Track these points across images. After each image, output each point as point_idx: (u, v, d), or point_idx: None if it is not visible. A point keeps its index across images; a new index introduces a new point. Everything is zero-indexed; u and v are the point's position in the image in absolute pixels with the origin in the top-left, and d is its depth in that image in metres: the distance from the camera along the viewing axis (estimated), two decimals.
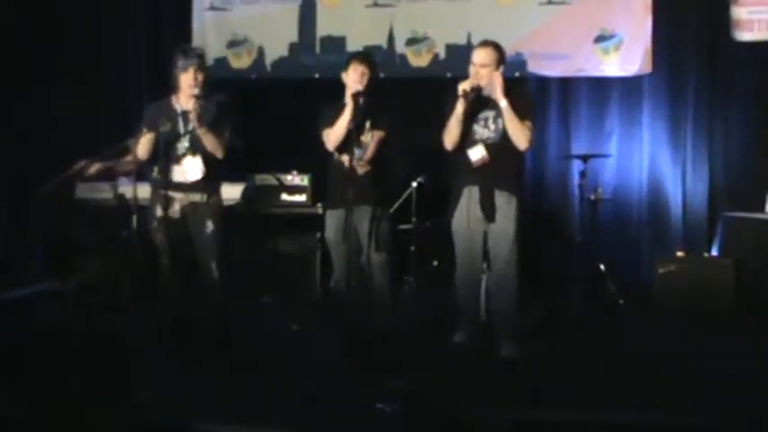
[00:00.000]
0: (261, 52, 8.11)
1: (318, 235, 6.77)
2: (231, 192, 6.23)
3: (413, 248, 7.07)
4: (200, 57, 5.02)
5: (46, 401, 1.75)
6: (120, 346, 1.85)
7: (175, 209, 4.95)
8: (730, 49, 7.34)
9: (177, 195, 4.94)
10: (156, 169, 5.03)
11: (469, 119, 5.07)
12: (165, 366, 4.56)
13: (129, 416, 1.79)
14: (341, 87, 5.33)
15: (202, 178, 4.94)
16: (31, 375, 1.76)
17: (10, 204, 7.66)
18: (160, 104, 5.11)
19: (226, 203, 5.30)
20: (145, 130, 5.03)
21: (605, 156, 7.31)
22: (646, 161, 7.62)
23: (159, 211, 4.97)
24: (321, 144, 5.45)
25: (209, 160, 4.93)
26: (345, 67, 5.31)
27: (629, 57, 7.51)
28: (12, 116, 7.58)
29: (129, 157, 5.09)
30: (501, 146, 5.02)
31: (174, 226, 4.95)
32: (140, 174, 5.06)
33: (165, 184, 4.98)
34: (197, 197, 4.92)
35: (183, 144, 4.95)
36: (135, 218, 4.91)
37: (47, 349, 1.77)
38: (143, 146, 5.01)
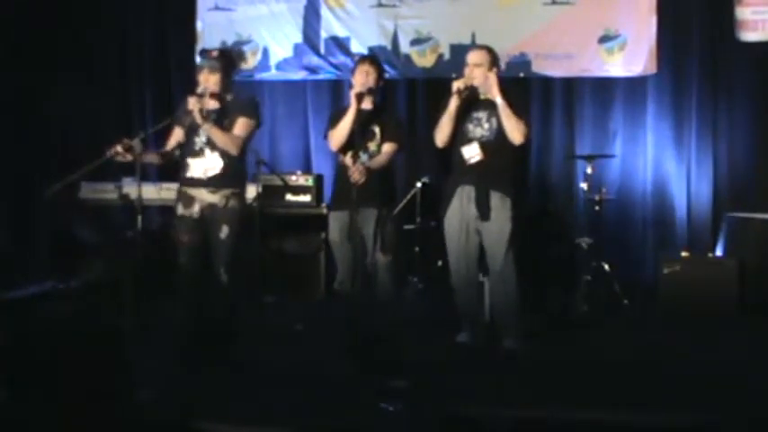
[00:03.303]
0: (265, 52, 8.12)
1: (323, 235, 6.79)
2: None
3: (417, 249, 7.09)
4: (215, 59, 5.00)
5: (47, 401, 1.76)
6: (121, 346, 1.86)
7: (195, 209, 4.94)
8: (734, 50, 7.34)
9: (197, 194, 4.93)
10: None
11: (461, 118, 5.16)
12: (166, 366, 4.57)
13: (130, 415, 1.80)
14: (345, 88, 5.35)
15: (221, 175, 4.91)
16: (32, 374, 1.77)
17: (13, 204, 7.68)
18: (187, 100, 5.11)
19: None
20: (175, 124, 5.09)
21: (609, 156, 7.32)
22: (650, 161, 7.62)
23: (180, 210, 4.98)
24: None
25: (225, 157, 4.91)
26: (353, 70, 5.33)
27: (633, 57, 7.52)
28: (14, 116, 7.60)
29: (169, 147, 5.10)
30: (495, 144, 5.09)
31: (192, 225, 4.94)
32: (144, 173, 5.06)
33: (185, 180, 4.99)
34: (215, 198, 4.90)
35: (201, 139, 4.95)
36: (140, 218, 4.91)
37: (48, 349, 1.78)
38: (173, 137, 5.08)
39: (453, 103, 5.09)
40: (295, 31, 8.08)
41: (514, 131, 5.02)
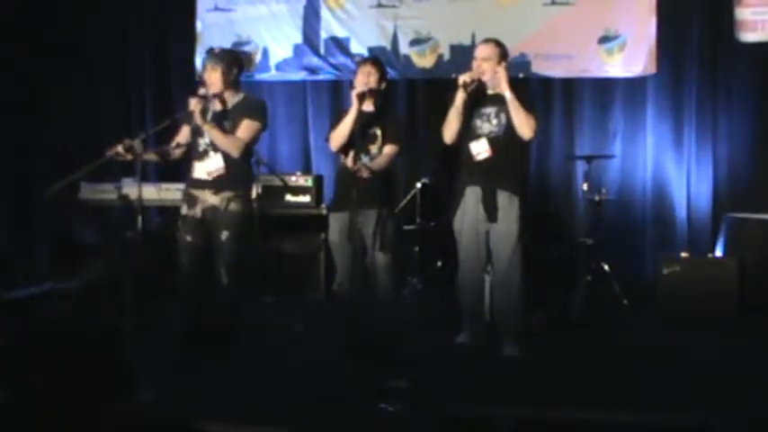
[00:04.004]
0: (265, 53, 8.12)
1: (323, 236, 6.79)
2: None
3: (417, 249, 7.09)
4: (217, 55, 5.01)
5: (46, 401, 1.76)
6: (121, 346, 1.86)
7: (197, 209, 4.95)
8: (734, 50, 7.34)
9: (200, 195, 4.95)
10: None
11: (469, 113, 5.13)
12: (166, 366, 4.57)
13: (130, 415, 1.80)
14: (345, 89, 5.33)
15: (223, 177, 4.91)
16: (31, 375, 1.77)
17: (13, 204, 7.68)
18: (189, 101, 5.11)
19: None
20: (181, 123, 5.10)
21: (609, 156, 7.32)
22: (650, 162, 7.62)
23: (184, 210, 4.99)
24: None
25: (228, 158, 4.91)
26: (355, 71, 5.32)
27: (632, 57, 7.52)
28: (14, 116, 7.60)
29: (174, 145, 5.11)
30: (504, 140, 5.06)
31: (195, 225, 4.95)
32: (144, 174, 5.05)
33: (190, 181, 5.00)
34: (216, 200, 4.90)
35: (205, 141, 4.96)
36: (140, 218, 4.91)
37: (48, 349, 1.78)
38: (178, 136, 5.10)
39: (460, 98, 5.04)
40: (295, 32, 8.08)
41: (524, 126, 4.99)
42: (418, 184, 7.08)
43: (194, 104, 4.85)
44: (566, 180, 7.73)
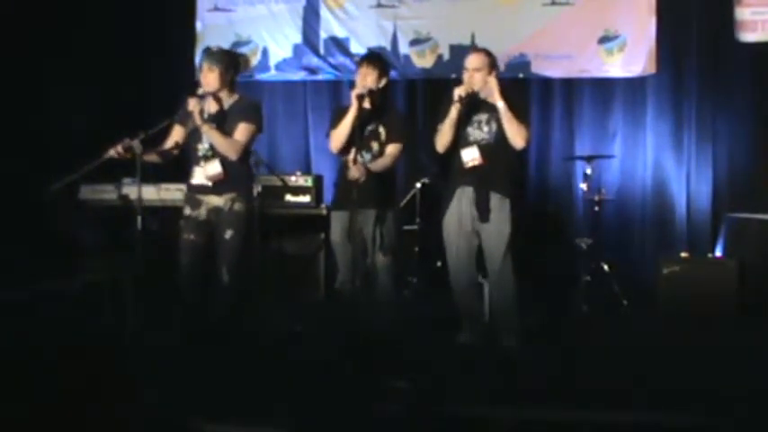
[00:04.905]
0: (265, 53, 8.13)
1: (323, 236, 6.78)
2: None
3: (417, 249, 7.09)
4: (215, 55, 5.00)
5: (46, 401, 1.76)
6: (121, 347, 1.87)
7: (202, 211, 4.96)
8: (734, 50, 7.34)
9: (204, 198, 4.95)
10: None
11: (462, 120, 5.15)
12: (167, 366, 4.57)
13: (131, 415, 1.80)
14: (345, 89, 5.32)
15: (223, 182, 4.92)
16: (32, 375, 1.77)
17: (13, 204, 7.67)
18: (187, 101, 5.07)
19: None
20: (176, 124, 5.07)
21: (609, 157, 7.32)
22: (649, 162, 7.63)
23: (187, 211, 4.99)
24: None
25: (226, 163, 4.91)
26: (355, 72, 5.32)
27: (632, 57, 7.52)
28: (14, 116, 7.59)
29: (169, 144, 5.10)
30: (494, 147, 5.10)
31: (197, 226, 4.95)
32: (143, 174, 5.04)
33: (191, 186, 5.00)
34: (220, 201, 4.91)
35: (204, 146, 4.95)
36: (140, 218, 4.91)
37: (49, 349, 1.79)
38: (173, 137, 5.07)
39: (455, 111, 5.08)
40: (294, 32, 8.08)
41: (516, 136, 5.04)
42: (418, 184, 7.08)
43: (193, 105, 4.84)
44: (565, 180, 7.73)
